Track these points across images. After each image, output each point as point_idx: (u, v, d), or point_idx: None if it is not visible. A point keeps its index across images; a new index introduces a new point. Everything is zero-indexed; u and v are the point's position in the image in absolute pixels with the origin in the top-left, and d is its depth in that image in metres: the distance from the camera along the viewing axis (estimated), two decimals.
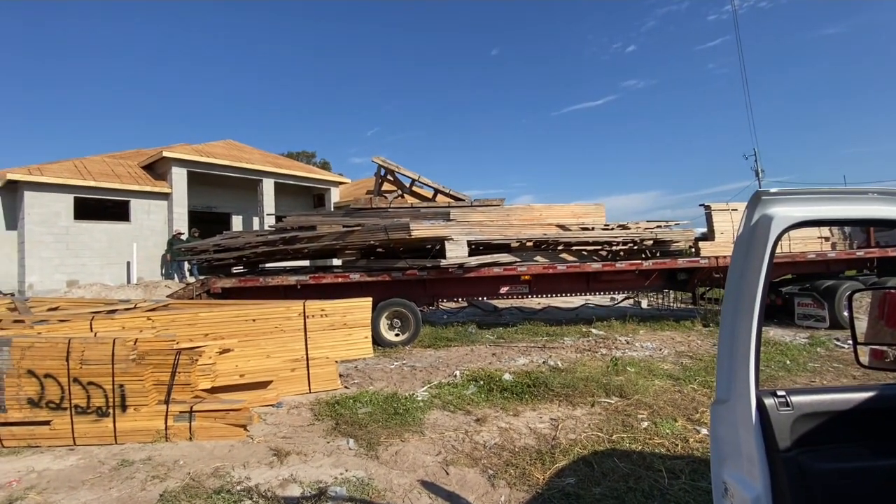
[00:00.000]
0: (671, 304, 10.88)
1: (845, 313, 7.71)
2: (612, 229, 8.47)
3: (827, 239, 8.96)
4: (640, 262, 8.19)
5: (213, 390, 4.32)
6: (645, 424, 3.82)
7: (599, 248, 8.59)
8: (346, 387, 5.12)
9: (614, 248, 8.55)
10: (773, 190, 1.25)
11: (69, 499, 2.81)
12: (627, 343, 7.16)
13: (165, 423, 3.72)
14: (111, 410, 3.66)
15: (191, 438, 3.69)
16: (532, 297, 8.55)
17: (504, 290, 8.14)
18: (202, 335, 4.62)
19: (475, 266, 7.54)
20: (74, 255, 14.61)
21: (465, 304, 10.90)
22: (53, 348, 3.67)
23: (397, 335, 7.39)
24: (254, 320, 4.79)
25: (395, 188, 9.52)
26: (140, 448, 3.53)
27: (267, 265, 9.49)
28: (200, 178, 17.26)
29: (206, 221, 18.17)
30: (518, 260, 8.04)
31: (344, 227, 7.75)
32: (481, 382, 5.03)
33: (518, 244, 8.15)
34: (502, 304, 11.29)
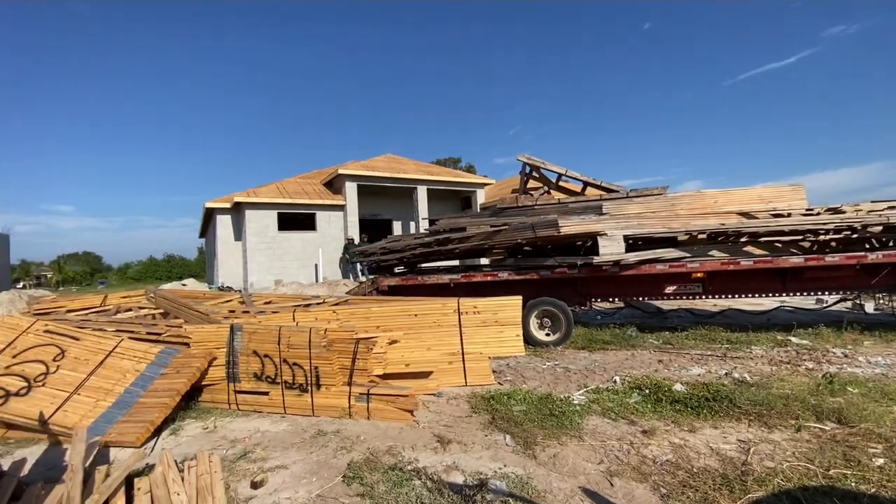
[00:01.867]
0: None
1: None
2: (818, 214, 6.85)
3: None
4: (862, 254, 6.44)
5: (384, 377, 4.82)
6: (880, 462, 2.98)
7: (800, 238, 7.02)
8: (499, 383, 5.20)
9: (822, 237, 6.89)
10: None
11: (283, 456, 3.45)
12: (846, 357, 5.71)
13: (349, 401, 4.29)
14: (309, 387, 4.39)
15: (368, 417, 4.19)
16: (706, 297, 7.42)
17: (670, 289, 7.26)
18: (374, 327, 5.22)
19: (634, 263, 6.90)
20: (278, 259, 18.02)
21: (621, 304, 10.08)
22: (269, 334, 4.57)
23: (548, 335, 7.22)
24: (415, 315, 5.22)
25: (541, 185, 9.34)
26: (331, 421, 4.15)
27: (423, 265, 10.26)
28: (367, 189, 19.62)
29: (372, 228, 20.55)
30: (688, 255, 7.10)
31: (491, 226, 7.90)
32: (646, 391, 4.57)
33: (687, 237, 7.19)
34: (667, 305, 10.13)
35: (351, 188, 18.82)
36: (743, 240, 7.16)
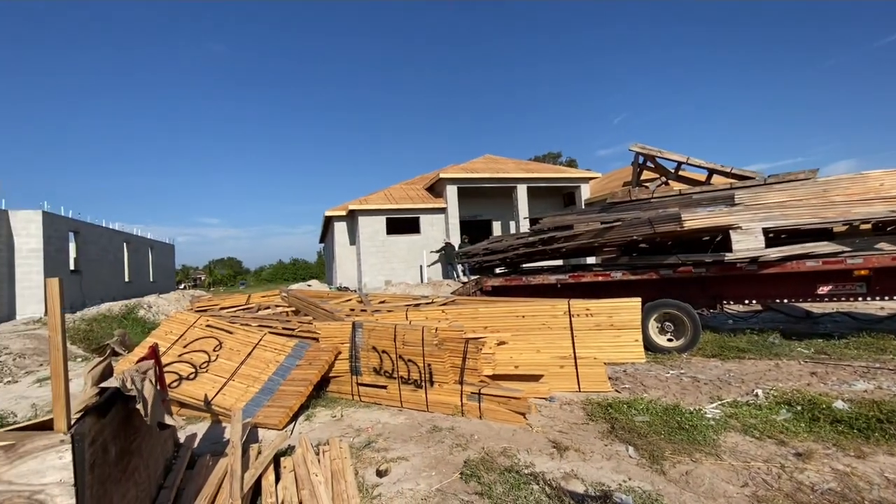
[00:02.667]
0: None
1: None
2: None
3: None
4: None
5: (492, 378, 4.83)
6: None
7: None
8: (616, 390, 4.89)
9: None
10: None
11: (403, 448, 3.65)
12: None
13: (461, 400, 4.38)
14: (423, 384, 4.58)
15: (480, 417, 4.23)
16: (872, 298, 6.17)
17: (824, 289, 6.17)
18: (482, 328, 5.26)
19: (776, 260, 6.00)
20: (387, 261, 19.16)
21: (758, 307, 8.83)
22: (386, 331, 4.86)
23: (670, 340, 6.61)
24: (523, 316, 5.14)
25: (656, 175, 8.60)
26: (444, 418, 4.27)
27: (525, 265, 10.09)
28: (467, 191, 19.95)
29: (472, 228, 20.84)
30: (847, 249, 5.97)
31: (602, 223, 7.47)
32: (798, 407, 3.95)
33: (846, 227, 6.05)
34: (818, 308, 8.64)
35: (451, 191, 19.29)
36: None
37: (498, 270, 9.71)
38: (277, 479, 3.14)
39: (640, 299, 5.02)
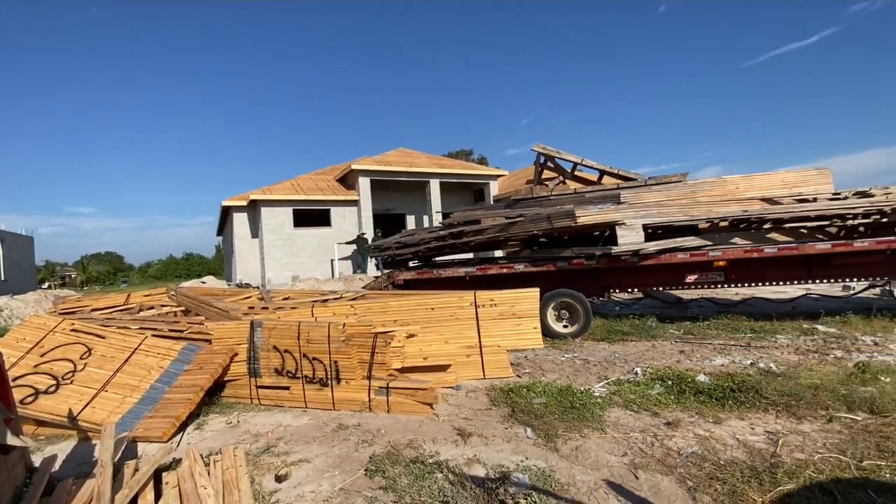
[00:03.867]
0: None
1: None
2: (845, 198, 6.61)
3: None
4: (892, 238, 6.21)
5: (402, 370, 4.83)
6: None
7: (826, 223, 6.80)
8: (518, 375, 5.17)
9: (850, 222, 6.66)
10: None
11: (306, 450, 3.49)
12: (876, 345, 5.53)
13: (368, 395, 4.31)
14: (329, 382, 4.42)
15: (388, 411, 4.20)
16: (729, 286, 7.26)
17: (691, 278, 7.12)
18: (392, 321, 5.23)
19: (653, 252, 6.77)
20: (294, 255, 18.21)
21: (640, 294, 9.93)
22: (289, 329, 4.61)
23: (566, 326, 7.15)
24: (432, 309, 5.21)
25: (556, 175, 9.22)
26: (351, 415, 4.17)
27: (437, 259, 10.24)
28: (380, 184, 19.65)
29: (386, 222, 20.62)
30: (709, 243, 6.94)
31: (506, 218, 7.83)
32: (669, 382, 4.49)
33: (708, 225, 7.02)
34: (687, 294, 9.94)
35: (364, 183, 18.88)
36: (766, 226, 6.97)
37: (412, 264, 9.73)
38: (158, 497, 2.82)
39: (538, 289, 5.36)
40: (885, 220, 6.53)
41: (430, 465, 3.04)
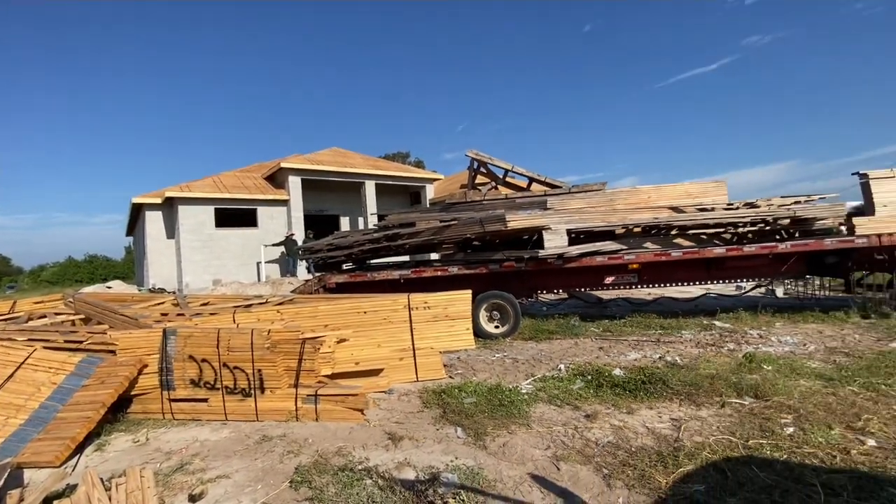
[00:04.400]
0: (815, 293, 9.31)
1: None
2: (737, 208, 7.48)
3: None
4: (773, 244, 7.13)
5: (333, 376, 4.70)
6: (790, 430, 3.32)
7: (722, 230, 7.64)
8: (450, 377, 5.25)
9: (740, 229, 7.55)
10: None
11: (225, 465, 3.28)
12: (761, 337, 6.30)
13: (295, 404, 4.15)
14: (252, 392, 4.19)
15: (317, 419, 4.07)
16: (642, 287, 7.92)
17: (609, 280, 7.66)
18: (322, 326, 5.07)
19: (576, 256, 7.20)
20: (216, 257, 17.04)
21: (565, 295, 10.50)
22: (207, 337, 4.31)
23: (497, 327, 7.38)
24: (365, 312, 5.13)
25: (488, 180, 9.49)
26: (276, 426, 3.99)
27: (372, 261, 10.11)
28: (312, 184, 18.99)
29: (318, 223, 19.96)
30: (624, 248, 7.51)
31: (441, 221, 7.93)
32: (589, 377, 4.80)
33: (624, 230, 7.60)
34: (607, 294, 10.67)
35: (294, 182, 18.15)
36: (673, 232, 7.68)
37: (345, 267, 9.51)
38: None
39: (471, 291, 5.48)
40: (768, 227, 7.49)
41: (360, 472, 2.99)
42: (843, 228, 7.36)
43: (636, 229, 7.68)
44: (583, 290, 7.89)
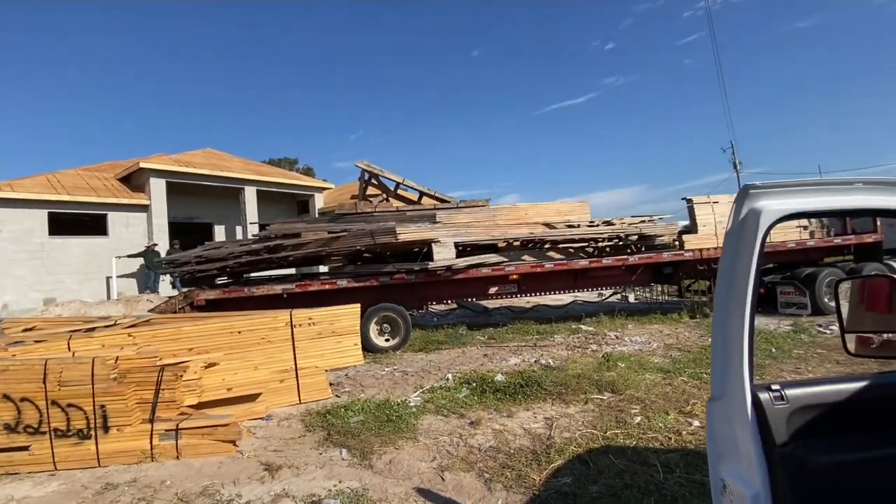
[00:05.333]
0: (658, 298, 11.01)
1: (830, 302, 7.85)
2: (598, 226, 8.53)
3: (805, 228, 9.15)
4: (626, 257, 8.26)
5: (201, 406, 4.21)
6: (638, 419, 3.83)
7: (586, 244, 8.64)
8: (336, 395, 5.04)
9: (600, 244, 8.61)
10: (760, 183, 1.24)
11: None
12: (617, 338, 7.22)
13: (151, 442, 3.60)
14: (93, 432, 3.54)
15: (178, 457, 3.58)
16: (521, 296, 8.55)
17: (493, 290, 8.13)
18: (186, 350, 4.51)
19: (463, 267, 7.51)
20: (50, 272, 14.19)
21: (454, 305, 10.86)
22: (29, 370, 3.53)
23: (387, 340, 7.32)
24: (239, 332, 4.69)
25: (379, 192, 9.45)
26: (125, 470, 3.41)
27: (252, 275, 9.33)
28: (180, 188, 16.94)
29: (187, 232, 17.83)
30: (506, 260, 8.04)
31: (329, 233, 7.66)
32: (474, 384, 5.00)
33: (505, 244, 8.15)
34: (492, 304, 11.29)
35: (157, 185, 15.99)
36: (546, 246, 8.46)
37: (220, 281, 8.61)
38: None
39: (359, 305, 5.36)
40: (621, 243, 8.66)
41: None
42: (677, 243, 8.85)
43: (516, 243, 8.28)
44: (470, 299, 8.26)
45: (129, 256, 15.26)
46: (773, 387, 1.22)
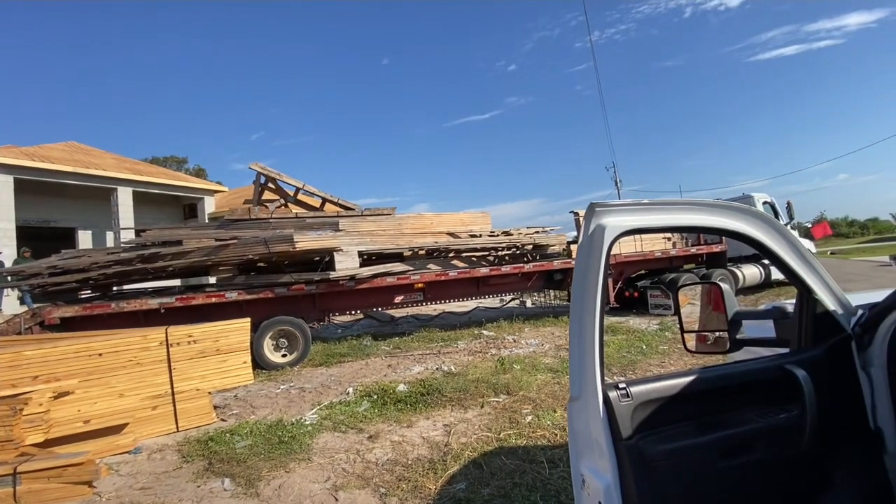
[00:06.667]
0: (551, 302, 11.87)
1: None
2: (497, 236, 8.97)
3: (669, 239, 10.57)
4: (522, 265, 8.79)
5: (51, 443, 3.59)
6: (529, 419, 4.06)
7: (487, 253, 9.02)
8: (222, 419, 4.62)
9: (500, 253, 9.06)
10: (604, 203, 1.40)
11: None
12: (514, 341, 7.62)
13: None
14: None
15: None
16: (427, 304, 8.64)
17: (399, 299, 8.10)
18: (30, 378, 3.81)
19: (367, 277, 7.39)
20: None
21: (360, 316, 10.62)
22: None
23: (284, 356, 6.91)
24: (100, 354, 4.08)
25: (277, 197, 8.94)
26: None
27: (125, 287, 8.21)
28: (34, 186, 14.38)
29: (42, 238, 15.18)
30: (411, 268, 8.08)
31: (217, 240, 7.04)
32: (375, 397, 4.92)
33: (410, 253, 8.19)
34: (398, 312, 11.24)
35: (2, 183, 13.40)
36: (451, 255, 8.68)
37: (85, 295, 7.43)
38: None
39: (248, 320, 5.00)
40: (519, 251, 9.20)
41: None
42: (566, 252, 9.64)
43: (421, 252, 8.36)
44: (376, 309, 8.14)
45: None
46: (620, 385, 1.36)
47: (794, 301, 1.65)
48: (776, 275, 10.86)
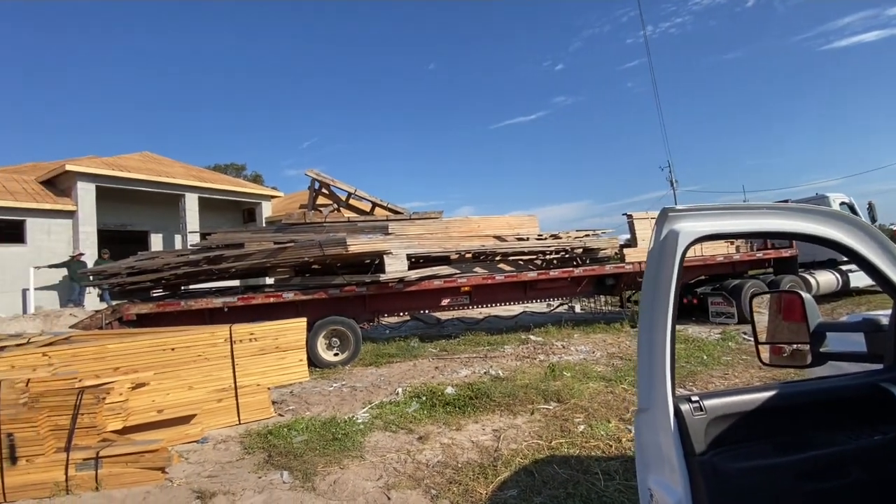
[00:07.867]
0: (602, 308, 11.48)
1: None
2: (545, 239, 8.80)
3: (732, 243, 9.92)
4: (571, 269, 8.57)
5: (128, 430, 3.89)
6: (581, 428, 3.95)
7: (534, 257, 8.88)
8: (280, 414, 4.83)
9: (548, 256, 8.88)
10: (678, 207, 1.33)
11: None
12: (563, 348, 7.43)
13: (66, 473, 3.27)
14: None
15: (97, 488, 3.28)
16: (473, 307, 8.63)
17: (445, 301, 8.15)
18: (111, 369, 4.16)
19: (415, 280, 7.48)
20: None
21: (407, 317, 10.77)
22: None
23: (336, 355, 7.13)
24: (173, 349, 4.39)
25: (330, 202, 9.26)
26: None
27: (192, 287, 8.80)
28: (113, 193, 15.79)
29: (120, 241, 16.61)
30: (458, 272, 8.10)
31: (275, 243, 7.39)
32: (423, 398, 4.96)
33: (457, 256, 8.21)
34: (444, 315, 11.30)
35: (86, 190, 14.81)
36: (497, 258, 8.61)
37: (157, 294, 8.05)
38: None
39: (305, 319, 5.19)
40: (568, 255, 8.98)
41: None
42: (619, 256, 9.30)
43: (468, 255, 8.37)
44: (423, 311, 8.23)
45: (51, 267, 13.97)
46: (693, 398, 1.29)
47: (887, 312, 1.51)
48: (855, 282, 9.91)
